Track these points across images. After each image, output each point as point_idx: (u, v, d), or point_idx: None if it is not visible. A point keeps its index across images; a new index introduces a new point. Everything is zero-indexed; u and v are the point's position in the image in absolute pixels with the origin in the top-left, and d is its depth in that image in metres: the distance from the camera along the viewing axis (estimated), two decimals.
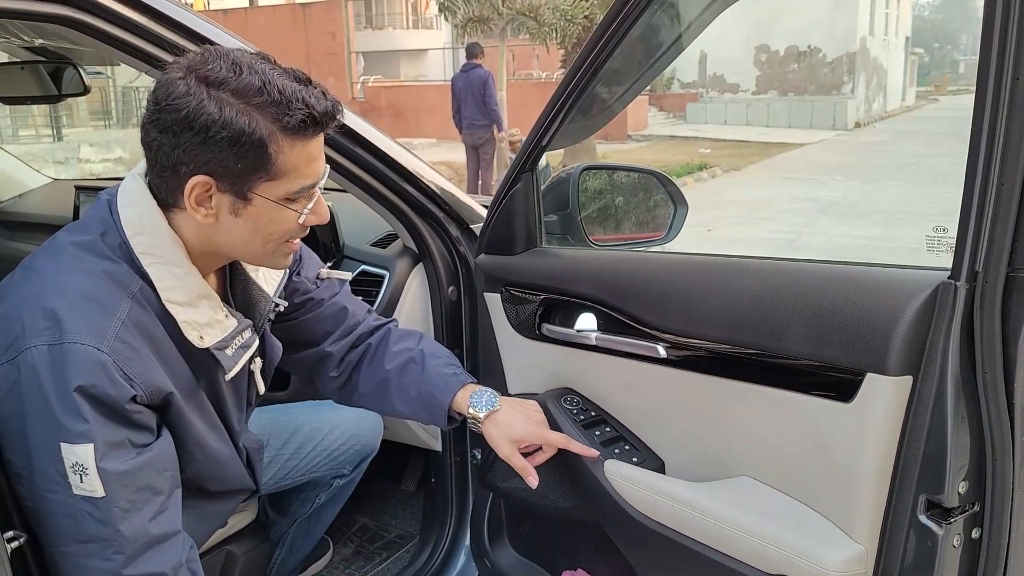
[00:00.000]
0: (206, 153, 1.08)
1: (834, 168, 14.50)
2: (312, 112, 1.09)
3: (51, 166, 10.57)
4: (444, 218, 1.77)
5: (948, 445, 1.05)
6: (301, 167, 1.13)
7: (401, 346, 1.57)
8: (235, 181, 1.11)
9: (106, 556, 1.10)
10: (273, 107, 1.07)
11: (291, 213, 1.17)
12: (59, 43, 1.95)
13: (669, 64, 1.72)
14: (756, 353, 1.26)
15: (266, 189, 1.13)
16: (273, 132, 1.08)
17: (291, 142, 1.10)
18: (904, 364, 1.08)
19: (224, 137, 1.06)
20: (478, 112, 9.41)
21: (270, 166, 1.10)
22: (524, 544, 1.79)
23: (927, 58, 56.47)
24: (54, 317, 1.08)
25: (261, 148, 1.08)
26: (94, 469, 1.06)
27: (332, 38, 20.36)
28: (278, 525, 1.86)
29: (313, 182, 1.16)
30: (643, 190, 2.02)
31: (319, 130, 1.13)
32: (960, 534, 1.08)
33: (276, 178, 1.12)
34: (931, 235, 1.31)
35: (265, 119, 1.08)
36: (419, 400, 1.52)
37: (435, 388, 1.51)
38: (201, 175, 1.10)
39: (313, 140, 1.13)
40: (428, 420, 1.54)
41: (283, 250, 1.23)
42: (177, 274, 1.18)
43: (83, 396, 1.06)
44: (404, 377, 1.53)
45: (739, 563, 1.25)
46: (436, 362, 1.54)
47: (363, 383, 1.57)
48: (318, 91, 1.12)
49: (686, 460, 1.42)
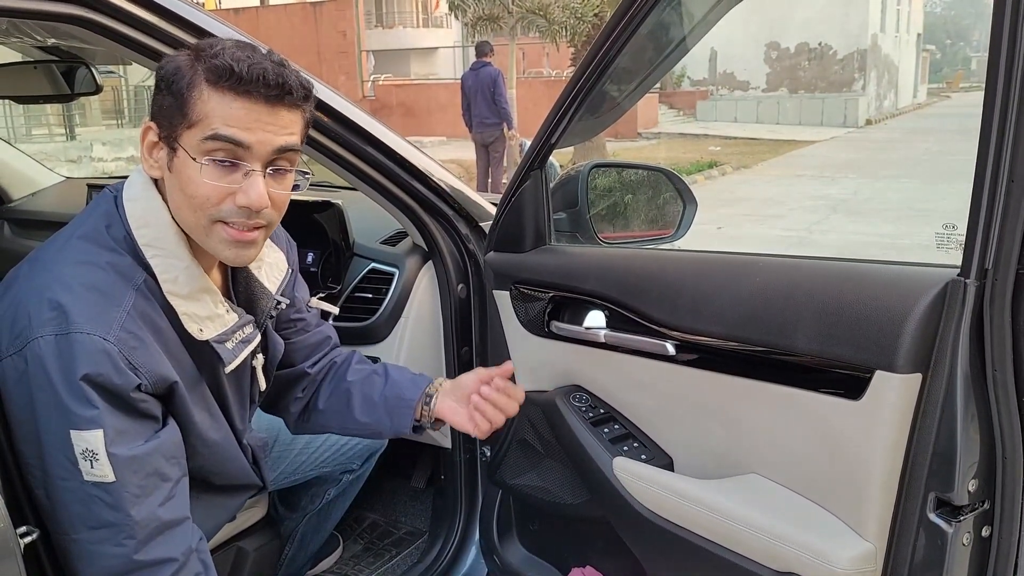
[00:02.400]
0: (156, 100, 1.15)
1: (845, 165, 14.43)
2: (236, 66, 1.10)
3: (64, 165, 10.63)
4: (454, 216, 1.78)
5: (958, 443, 1.05)
6: (216, 118, 1.12)
7: (362, 365, 1.58)
8: (165, 124, 1.15)
9: (118, 541, 1.11)
10: (211, 59, 1.12)
11: (208, 172, 1.13)
12: (72, 43, 1.96)
13: (678, 61, 1.72)
14: (765, 350, 1.26)
15: (186, 138, 1.14)
16: (198, 76, 1.12)
17: (211, 90, 1.12)
18: (914, 362, 1.08)
19: (162, 77, 1.15)
20: (488, 110, 9.39)
21: (188, 109, 1.13)
22: (533, 541, 1.79)
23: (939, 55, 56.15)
24: (60, 308, 1.10)
25: (186, 89, 1.12)
26: (104, 454, 1.08)
27: (343, 37, 20.37)
28: (288, 521, 1.87)
29: (228, 135, 1.12)
30: (652, 188, 2.02)
31: (242, 88, 1.11)
32: (970, 532, 1.08)
33: (193, 125, 1.13)
34: (941, 232, 1.31)
35: (199, 66, 1.12)
36: (384, 405, 1.51)
37: (403, 390, 1.50)
38: (150, 120, 1.17)
39: (239, 99, 1.12)
40: (390, 427, 1.51)
41: (218, 232, 1.17)
42: (179, 267, 1.19)
43: (90, 384, 1.08)
44: (366, 387, 1.53)
45: (748, 560, 1.25)
46: (401, 373, 1.56)
47: (323, 399, 1.56)
48: (277, 66, 1.14)
49: (695, 457, 1.42)
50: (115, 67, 12.03)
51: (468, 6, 13.69)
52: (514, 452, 1.65)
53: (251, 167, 1.15)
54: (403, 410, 1.49)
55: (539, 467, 1.62)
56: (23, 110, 12.88)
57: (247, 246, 1.20)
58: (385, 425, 1.51)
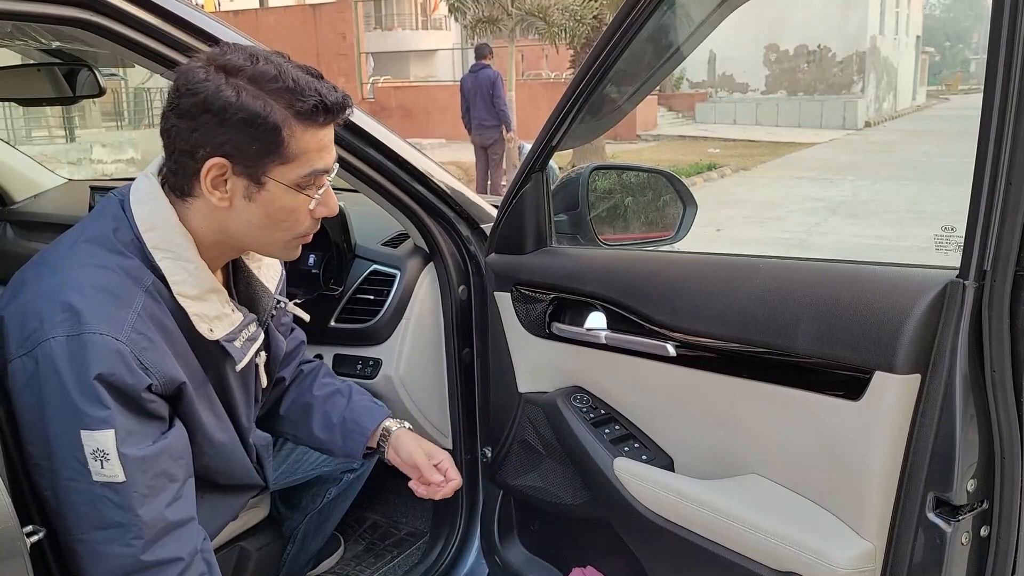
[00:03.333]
0: (222, 135, 1.13)
1: (844, 168, 14.44)
2: (324, 100, 1.15)
3: (64, 167, 10.62)
4: (455, 218, 1.78)
5: (956, 443, 1.05)
6: (312, 153, 1.18)
7: (329, 380, 1.63)
8: (249, 164, 1.15)
9: (125, 542, 1.12)
10: (287, 93, 1.13)
11: (302, 199, 1.20)
12: (74, 45, 1.97)
13: (678, 64, 1.73)
14: (765, 351, 1.26)
15: (279, 173, 1.17)
16: (287, 116, 1.13)
17: (303, 127, 1.15)
18: (912, 362, 1.08)
19: (240, 119, 1.12)
20: (487, 112, 9.40)
21: (283, 149, 1.15)
22: (534, 541, 1.80)
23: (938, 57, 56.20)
24: (72, 309, 1.10)
25: (275, 131, 1.13)
26: (115, 454, 1.09)
27: (342, 39, 20.38)
28: (289, 520, 1.87)
29: (324, 168, 1.21)
30: (652, 190, 2.03)
31: (330, 118, 1.18)
32: (968, 532, 1.08)
33: (288, 162, 1.16)
34: (940, 234, 1.32)
35: (279, 104, 1.13)
36: (341, 427, 1.56)
37: (360, 416, 1.56)
38: (217, 157, 1.14)
39: (324, 128, 1.18)
40: (343, 449, 1.57)
41: (294, 243, 1.27)
42: (188, 269, 1.21)
43: (103, 384, 1.09)
44: (328, 405, 1.58)
45: (748, 560, 1.26)
46: (362, 397, 1.60)
47: (284, 406, 1.61)
48: (329, 84, 1.18)
49: (695, 458, 1.43)
50: (116, 69, 12.03)
51: (467, 8, 13.68)
52: (515, 453, 1.66)
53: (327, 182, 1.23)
54: (357, 436, 1.55)
55: (540, 468, 1.63)
56: (23, 112, 12.87)
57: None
58: (338, 446, 1.57)
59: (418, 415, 1.92)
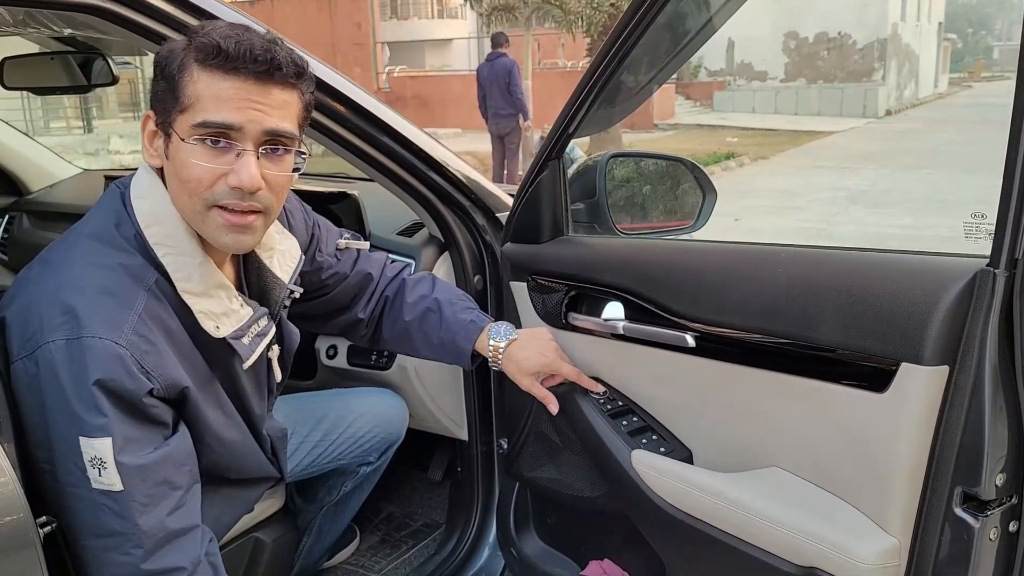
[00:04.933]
0: (152, 86, 1.15)
1: (864, 156, 14.31)
2: (222, 46, 1.09)
3: (82, 157, 10.70)
4: (470, 207, 1.76)
5: (985, 436, 1.03)
6: (206, 100, 1.11)
7: (417, 295, 1.64)
8: (160, 110, 1.15)
9: (125, 551, 1.10)
10: (198, 38, 1.11)
11: (199, 153, 1.12)
12: (88, 33, 1.96)
13: (696, 52, 1.70)
14: (787, 342, 1.24)
15: (179, 123, 1.13)
16: (188, 59, 1.11)
17: (200, 71, 1.11)
18: (940, 354, 1.05)
19: (157, 62, 1.14)
20: (503, 101, 9.37)
21: (179, 93, 1.12)
22: (550, 534, 1.78)
23: (960, 44, 55.54)
24: (71, 312, 1.08)
25: (177, 72, 1.11)
26: (112, 463, 1.07)
27: (358, 28, 20.40)
28: (305, 512, 1.87)
29: (219, 122, 1.11)
30: (671, 178, 2.00)
31: (230, 66, 1.10)
32: (997, 527, 1.06)
33: (185, 109, 1.12)
34: (969, 222, 1.28)
35: (190, 49, 1.11)
36: (442, 347, 1.61)
37: (456, 336, 1.59)
38: (149, 108, 1.17)
39: (228, 79, 1.10)
40: (452, 362, 1.65)
41: (214, 218, 1.15)
42: (192, 264, 1.18)
43: (101, 390, 1.07)
44: (424, 326, 1.61)
45: (769, 555, 1.24)
46: (453, 308, 1.62)
47: (386, 331, 1.67)
48: (266, 42, 1.12)
49: (714, 450, 1.41)
50: (132, 59, 12.09)
51: None
52: (531, 444, 1.65)
53: (243, 147, 1.13)
54: (459, 355, 1.60)
55: (556, 460, 1.61)
56: (41, 103, 12.98)
57: (244, 231, 1.17)
58: (447, 360, 1.66)
59: (433, 406, 1.91)
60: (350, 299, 1.64)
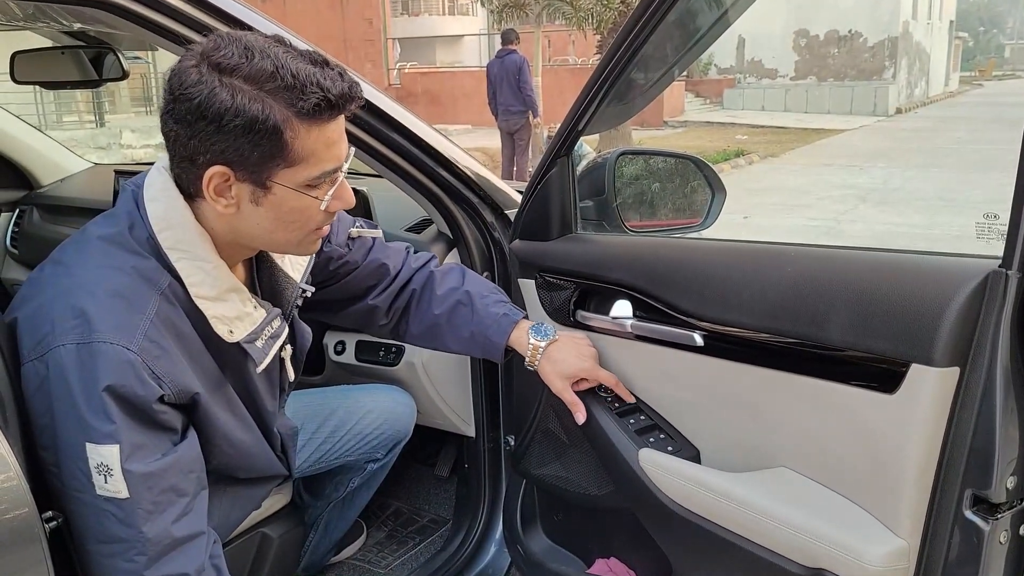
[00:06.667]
0: (221, 142, 1.06)
1: (874, 155, 14.24)
2: (327, 95, 1.06)
3: (93, 152, 10.74)
4: (478, 203, 1.76)
5: (996, 439, 1.02)
6: (320, 152, 1.10)
7: (446, 287, 1.59)
8: (253, 169, 1.09)
9: (128, 557, 1.09)
10: (286, 92, 1.05)
11: (312, 200, 1.14)
12: (98, 27, 1.96)
13: (706, 49, 1.69)
14: (796, 342, 1.23)
15: (285, 176, 1.10)
16: (288, 117, 1.06)
17: (307, 127, 1.07)
18: (951, 355, 1.05)
19: (238, 125, 1.04)
20: (513, 98, 9.36)
21: (287, 153, 1.08)
22: (557, 531, 1.78)
23: (972, 42, 55.23)
24: (83, 315, 1.08)
25: (276, 134, 1.06)
26: (119, 470, 1.06)
27: (369, 24, 20.40)
28: (312, 508, 1.87)
29: (334, 167, 1.13)
30: (680, 176, 1.99)
31: (335, 113, 1.10)
32: (1007, 530, 1.05)
33: (294, 164, 1.09)
34: (981, 222, 1.27)
35: (279, 104, 1.05)
36: (473, 341, 1.56)
37: (489, 330, 1.54)
38: (218, 165, 1.08)
39: (331, 123, 1.10)
40: (482, 356, 1.62)
41: (311, 238, 1.21)
42: (206, 268, 1.17)
43: (111, 396, 1.06)
44: (455, 319, 1.57)
45: (776, 555, 1.23)
46: (484, 301, 1.57)
47: (413, 326, 1.62)
48: (334, 72, 1.09)
49: (722, 450, 1.40)
50: (142, 53, 12.13)
51: None
52: (538, 442, 1.64)
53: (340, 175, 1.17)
54: (491, 349, 1.55)
55: (563, 457, 1.61)
56: (54, 97, 13.03)
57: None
58: (477, 354, 1.64)
59: (440, 402, 1.91)
60: (365, 289, 1.59)
